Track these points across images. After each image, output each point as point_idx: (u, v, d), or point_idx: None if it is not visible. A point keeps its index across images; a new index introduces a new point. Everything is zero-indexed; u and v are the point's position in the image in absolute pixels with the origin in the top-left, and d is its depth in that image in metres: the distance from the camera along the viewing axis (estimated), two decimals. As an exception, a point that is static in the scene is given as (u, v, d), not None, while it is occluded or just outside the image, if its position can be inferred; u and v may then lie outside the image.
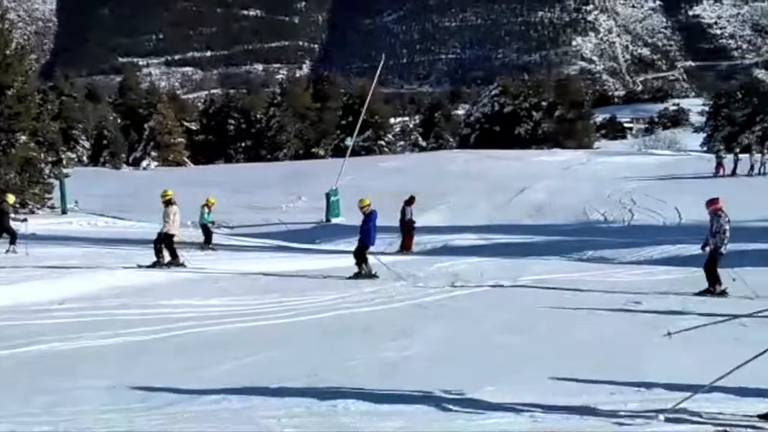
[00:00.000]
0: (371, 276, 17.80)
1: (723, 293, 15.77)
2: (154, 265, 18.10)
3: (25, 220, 24.33)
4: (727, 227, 16.04)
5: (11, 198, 24.33)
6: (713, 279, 15.95)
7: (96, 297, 13.92)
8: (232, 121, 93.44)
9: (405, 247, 28.18)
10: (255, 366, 8.73)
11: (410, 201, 28.82)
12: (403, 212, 28.38)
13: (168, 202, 18.79)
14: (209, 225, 26.95)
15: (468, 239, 32.14)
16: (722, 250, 16.02)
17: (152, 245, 18.86)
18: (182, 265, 18.51)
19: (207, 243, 26.44)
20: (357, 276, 17.75)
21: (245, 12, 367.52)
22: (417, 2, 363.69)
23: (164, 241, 18.41)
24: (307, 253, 27.14)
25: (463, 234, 33.28)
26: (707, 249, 16.22)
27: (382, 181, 48.60)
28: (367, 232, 17.98)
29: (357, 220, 37.82)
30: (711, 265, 16.08)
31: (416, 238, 30.63)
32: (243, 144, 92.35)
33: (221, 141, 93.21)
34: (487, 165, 56.21)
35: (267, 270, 19.51)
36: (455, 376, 8.32)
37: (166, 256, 18.40)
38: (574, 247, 29.56)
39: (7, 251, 21.85)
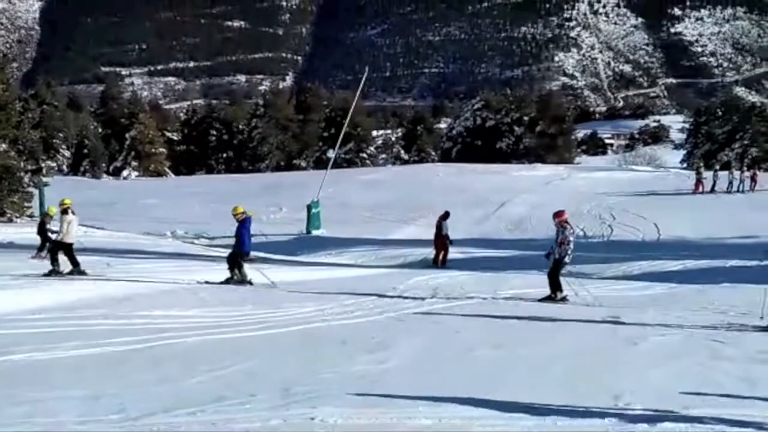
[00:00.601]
0: (244, 282, 18.04)
1: (564, 299, 16.80)
2: (50, 274, 17.84)
3: None
4: (572, 238, 16.83)
5: (53, 210, 24.66)
6: (555, 286, 16.87)
7: (74, 307, 13.82)
8: (214, 132, 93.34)
9: (441, 262, 27.92)
10: (231, 377, 8.69)
11: (446, 216, 28.69)
12: (439, 227, 28.26)
13: (64, 211, 18.65)
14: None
15: (448, 253, 32.14)
16: (566, 259, 16.78)
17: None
18: (83, 273, 18.28)
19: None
20: (228, 281, 18.02)
21: (229, 23, 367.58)
22: (401, 16, 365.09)
23: (62, 250, 18.25)
24: (287, 265, 27.06)
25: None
26: (551, 258, 16.98)
27: (363, 194, 48.68)
28: (240, 238, 18.23)
29: (339, 232, 37.96)
30: (554, 272, 16.90)
31: (396, 251, 30.70)
32: (224, 155, 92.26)
33: (203, 152, 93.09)
34: (468, 179, 56.36)
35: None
36: (432, 388, 8.31)
37: (62, 265, 18.13)
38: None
39: (33, 257, 22.59)
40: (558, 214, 17.16)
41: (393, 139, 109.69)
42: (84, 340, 10.59)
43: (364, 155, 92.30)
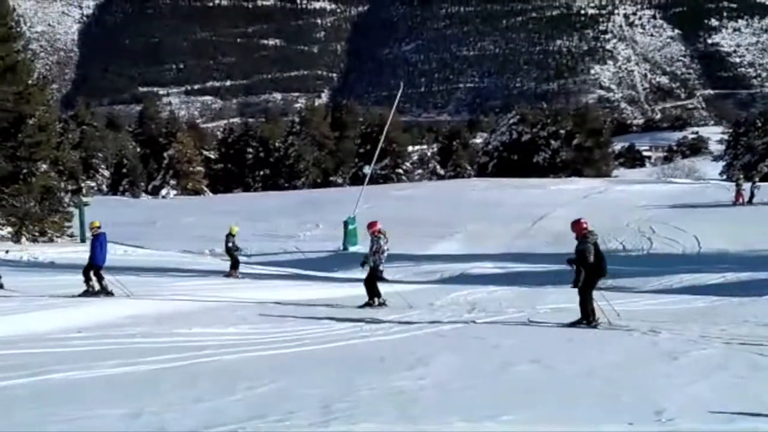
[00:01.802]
0: (107, 293, 18.30)
1: (382, 305, 17.75)
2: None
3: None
4: (386, 248, 17.76)
5: (235, 228, 27.03)
6: (372, 292, 17.79)
7: (114, 325, 13.94)
8: (251, 150, 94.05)
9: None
10: (268, 395, 8.69)
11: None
12: None
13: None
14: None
15: (485, 268, 32.08)
16: (381, 267, 17.72)
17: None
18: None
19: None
20: (85, 294, 18.25)
21: (265, 41, 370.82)
22: (435, 32, 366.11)
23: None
24: (323, 281, 27.11)
25: (480, 262, 33.24)
26: (365, 266, 18.05)
27: (399, 209, 48.66)
28: (93, 251, 18.56)
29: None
30: (370, 280, 17.86)
31: (433, 266, 30.65)
32: (261, 172, 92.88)
33: (240, 169, 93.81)
34: (505, 193, 56.18)
35: (284, 298, 19.50)
36: (472, 405, 8.26)
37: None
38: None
39: (227, 275, 24.66)
40: (370, 225, 18.08)
41: (429, 154, 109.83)
42: (123, 359, 10.66)
43: (400, 171, 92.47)
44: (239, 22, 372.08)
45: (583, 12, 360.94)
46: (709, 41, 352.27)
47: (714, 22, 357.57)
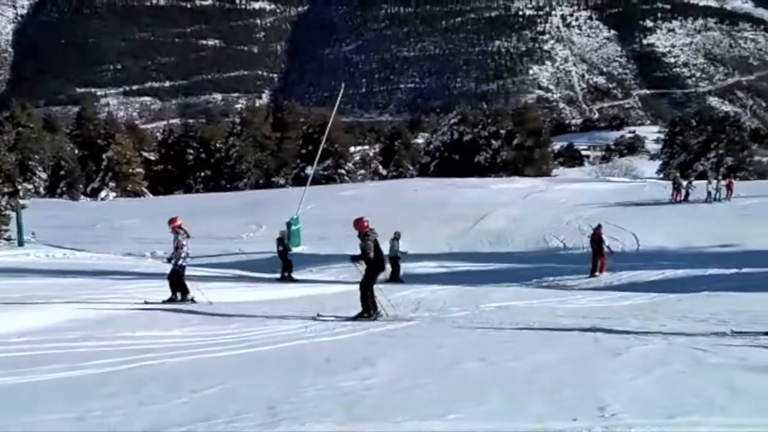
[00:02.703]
0: None
1: (186, 301, 18.01)
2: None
3: None
4: (185, 243, 18.10)
5: (285, 232, 28.66)
6: (175, 288, 18.11)
7: (56, 330, 13.70)
8: (191, 151, 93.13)
9: (601, 270, 28.75)
10: (214, 397, 8.63)
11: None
12: (601, 239, 29.09)
13: None
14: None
15: (429, 267, 32.22)
16: (182, 263, 18.10)
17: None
18: None
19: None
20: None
21: (204, 42, 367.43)
22: (375, 32, 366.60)
23: None
24: (267, 282, 26.98)
25: (423, 262, 33.36)
26: (172, 261, 18.32)
27: (342, 210, 48.61)
28: None
29: (319, 248, 37.89)
30: (174, 276, 18.24)
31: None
32: (202, 174, 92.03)
33: (180, 171, 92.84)
34: (447, 193, 56.48)
35: (228, 300, 19.38)
36: (418, 404, 8.29)
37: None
38: (535, 273, 29.76)
39: (282, 278, 25.98)
40: (171, 221, 18.27)
41: (371, 154, 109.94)
42: (65, 363, 10.49)
43: (343, 171, 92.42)
44: (177, 22, 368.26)
45: (521, 13, 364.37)
46: (645, 42, 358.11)
47: (649, 23, 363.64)
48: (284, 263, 28.11)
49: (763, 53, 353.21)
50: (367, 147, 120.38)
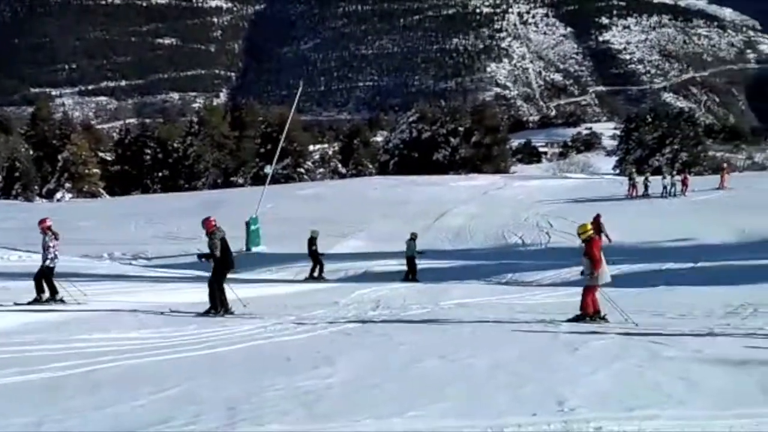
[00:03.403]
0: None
1: (52, 300, 17.62)
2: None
3: None
4: (51, 244, 17.82)
5: (316, 231, 29.16)
6: (39, 287, 17.59)
7: (10, 333, 13.49)
8: (149, 151, 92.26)
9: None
10: (173, 399, 8.56)
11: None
12: (600, 227, 30.09)
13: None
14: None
15: (389, 265, 32.25)
16: (50, 263, 17.73)
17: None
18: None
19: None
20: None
21: (160, 41, 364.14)
22: (333, 30, 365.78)
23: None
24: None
25: (383, 260, 33.37)
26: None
27: (302, 209, 48.53)
28: None
29: (279, 248, 37.75)
30: (40, 275, 17.78)
31: (337, 265, 30.69)
32: (160, 174, 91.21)
33: (137, 171, 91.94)
34: (406, 191, 56.58)
35: (187, 301, 19.24)
36: (379, 402, 8.29)
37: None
38: (494, 270, 29.91)
39: (315, 278, 26.91)
40: (41, 222, 18.15)
41: (330, 153, 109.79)
42: (21, 367, 10.34)
43: (302, 170, 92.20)
44: (133, 20, 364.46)
45: (478, 11, 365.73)
46: (600, 39, 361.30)
47: (604, 20, 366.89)
48: (314, 262, 28.47)
49: (716, 50, 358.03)
50: (326, 145, 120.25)
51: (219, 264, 16.57)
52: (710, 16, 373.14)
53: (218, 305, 16.34)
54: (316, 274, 28.55)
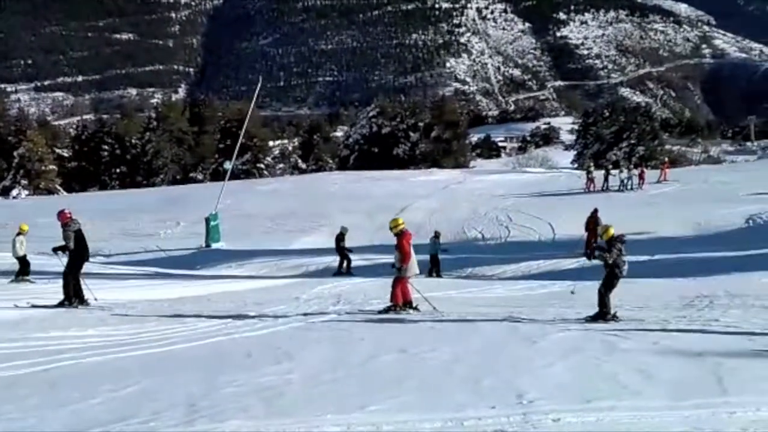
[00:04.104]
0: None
1: None
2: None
3: None
4: None
5: (345, 228, 29.68)
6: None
7: (-36, 332, 13.32)
8: (106, 147, 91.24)
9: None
10: (132, 397, 8.51)
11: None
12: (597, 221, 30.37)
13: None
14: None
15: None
16: None
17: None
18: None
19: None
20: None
21: (117, 36, 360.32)
22: (292, 25, 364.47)
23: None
24: (186, 279, 26.67)
25: (344, 255, 33.32)
26: None
27: (261, 205, 48.35)
28: None
29: (239, 244, 37.60)
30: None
31: (298, 260, 30.64)
32: (118, 170, 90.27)
33: (95, 168, 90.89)
34: (367, 186, 56.59)
35: (146, 298, 19.11)
36: (340, 397, 8.31)
37: None
38: (454, 264, 30.04)
39: (342, 273, 27.13)
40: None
41: (290, 148, 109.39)
42: (-23, 366, 10.22)
43: (262, 166, 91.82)
44: (90, 15, 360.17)
45: (437, 6, 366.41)
46: (558, 34, 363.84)
47: (562, 16, 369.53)
48: (342, 258, 28.98)
49: (672, 45, 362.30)
50: (286, 141, 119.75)
51: (74, 256, 16.73)
52: (666, 12, 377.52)
53: (71, 296, 16.47)
54: (344, 269, 28.76)
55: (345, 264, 29.05)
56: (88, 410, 7.91)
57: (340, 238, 29.18)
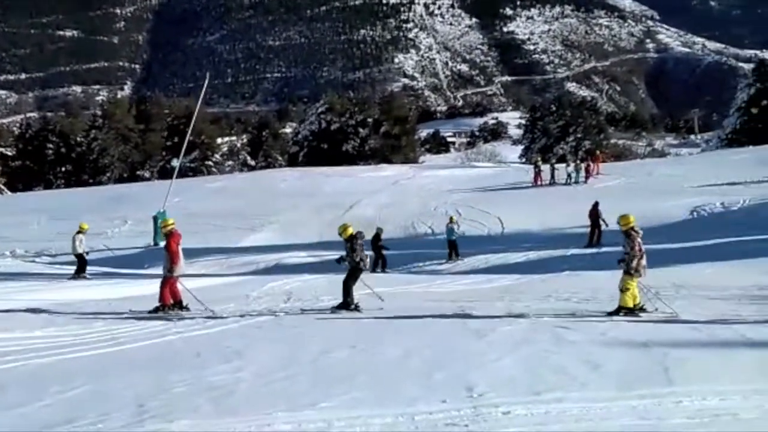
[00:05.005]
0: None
1: None
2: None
3: None
4: None
5: (381, 229, 29.86)
6: None
7: None
8: (51, 146, 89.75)
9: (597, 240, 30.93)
10: (80, 398, 8.41)
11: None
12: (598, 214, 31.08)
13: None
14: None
15: (300, 257, 32.17)
16: None
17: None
18: None
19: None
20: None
21: (61, 32, 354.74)
22: (239, 21, 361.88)
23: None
24: (135, 278, 26.39)
25: (295, 252, 33.28)
26: None
27: (210, 202, 48.00)
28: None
29: (187, 242, 37.15)
30: None
31: (247, 258, 30.50)
32: (63, 169, 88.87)
33: (40, 166, 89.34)
34: (316, 182, 56.45)
35: (93, 298, 18.88)
36: (291, 394, 8.31)
37: None
38: (404, 260, 30.12)
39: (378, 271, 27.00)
40: None
41: (238, 145, 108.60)
42: None
43: (210, 163, 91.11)
44: (33, 11, 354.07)
45: (385, 2, 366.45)
46: (505, 29, 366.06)
47: (509, 11, 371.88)
48: (378, 256, 28.95)
49: (617, 40, 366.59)
50: (234, 138, 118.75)
51: None
52: (611, 7, 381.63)
53: None
54: (379, 268, 28.80)
55: (381, 262, 29.12)
56: (35, 412, 7.81)
57: (376, 237, 29.34)
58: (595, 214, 31.18)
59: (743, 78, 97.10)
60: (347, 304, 15.76)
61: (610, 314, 13.93)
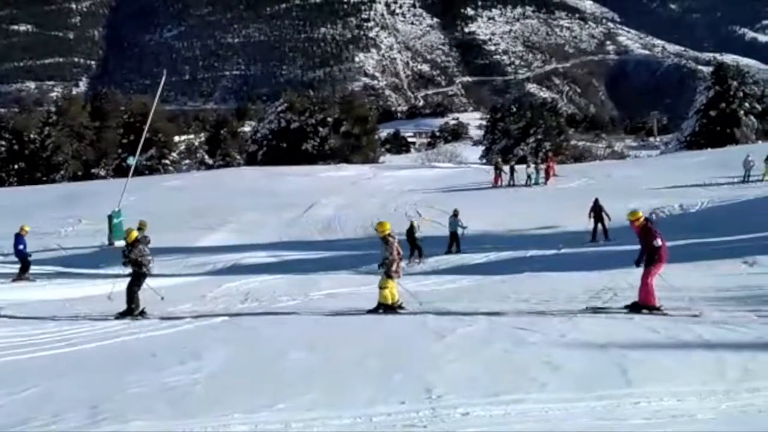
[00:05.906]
0: None
1: None
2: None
3: None
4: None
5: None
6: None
7: None
8: (3, 143, 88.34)
9: (605, 235, 31.18)
10: (32, 400, 8.24)
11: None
12: (601, 209, 31.54)
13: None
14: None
15: (258, 257, 31.97)
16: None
17: None
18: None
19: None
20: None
21: (15, 27, 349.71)
22: (198, 18, 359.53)
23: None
24: (89, 278, 26.04)
25: (253, 252, 33.05)
26: None
27: (167, 201, 47.57)
28: None
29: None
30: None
31: (204, 258, 30.25)
32: (16, 166, 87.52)
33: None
34: (275, 182, 56.19)
35: (46, 298, 18.58)
36: (247, 396, 8.20)
37: None
38: (363, 260, 30.00)
39: (414, 263, 27.22)
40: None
41: (196, 144, 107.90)
42: None
43: (167, 161, 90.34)
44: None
45: (345, 0, 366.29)
46: (466, 30, 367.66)
47: (470, 11, 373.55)
48: (412, 247, 29.21)
49: (577, 41, 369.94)
50: (192, 136, 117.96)
51: None
52: (572, 9, 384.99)
53: None
54: (416, 259, 29.01)
55: (417, 252, 29.36)
56: (-15, 415, 7.63)
57: (411, 230, 29.71)
58: (597, 209, 31.66)
59: (702, 81, 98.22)
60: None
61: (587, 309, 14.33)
